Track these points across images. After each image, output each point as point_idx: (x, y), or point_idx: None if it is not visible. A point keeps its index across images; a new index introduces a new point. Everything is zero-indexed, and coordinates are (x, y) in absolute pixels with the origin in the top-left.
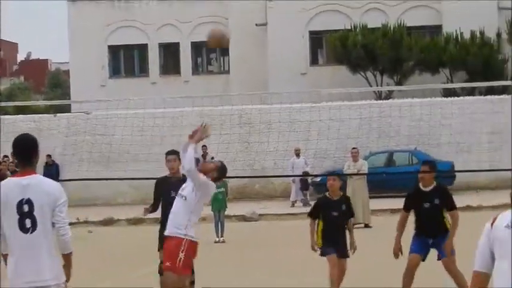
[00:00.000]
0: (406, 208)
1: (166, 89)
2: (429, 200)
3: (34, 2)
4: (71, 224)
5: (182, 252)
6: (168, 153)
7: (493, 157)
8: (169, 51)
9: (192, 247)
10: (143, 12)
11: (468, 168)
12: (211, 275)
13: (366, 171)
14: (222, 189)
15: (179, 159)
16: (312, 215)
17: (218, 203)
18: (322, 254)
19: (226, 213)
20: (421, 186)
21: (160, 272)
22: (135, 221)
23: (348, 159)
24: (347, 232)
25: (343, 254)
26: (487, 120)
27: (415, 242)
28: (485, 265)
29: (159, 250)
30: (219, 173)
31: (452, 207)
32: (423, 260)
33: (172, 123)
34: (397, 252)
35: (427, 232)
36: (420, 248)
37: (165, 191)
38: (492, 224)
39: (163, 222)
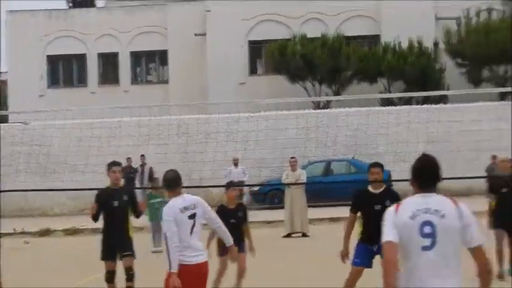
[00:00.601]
0: (354, 209)
1: (105, 98)
2: (380, 202)
3: None
4: (7, 234)
5: None
6: (112, 164)
7: None
8: (108, 61)
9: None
10: (82, 22)
11: (406, 178)
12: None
13: (304, 181)
14: (160, 199)
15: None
16: None
17: (155, 213)
18: (221, 255)
19: None
20: (371, 189)
21: (108, 280)
22: (72, 232)
23: (286, 169)
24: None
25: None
26: (424, 129)
27: (358, 252)
28: (396, 237)
29: (103, 259)
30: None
31: None
32: (369, 267)
33: (110, 134)
34: (344, 256)
35: (374, 237)
36: (364, 259)
37: (107, 201)
38: (397, 210)
39: (106, 231)
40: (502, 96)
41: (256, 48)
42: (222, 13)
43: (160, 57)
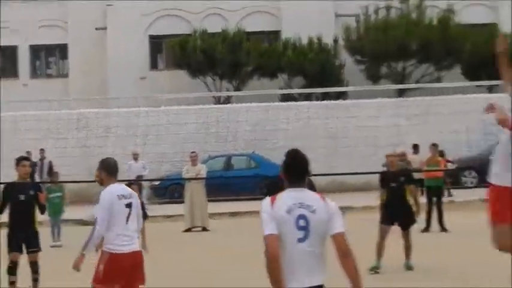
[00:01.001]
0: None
1: (4, 92)
2: None
3: None
4: None
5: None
6: (21, 158)
7: (329, 161)
8: (7, 54)
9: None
10: None
11: None
12: (52, 280)
13: (205, 175)
14: (59, 193)
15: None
16: None
17: (54, 207)
18: None
19: (64, 217)
20: None
21: (10, 272)
22: None
23: (187, 163)
24: None
25: None
26: (323, 125)
27: None
28: (275, 229)
29: (8, 253)
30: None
31: None
32: None
33: (10, 128)
34: None
35: None
36: None
37: (13, 195)
38: (273, 204)
39: (12, 225)
40: (400, 93)
41: (157, 43)
42: (123, 7)
43: (61, 51)
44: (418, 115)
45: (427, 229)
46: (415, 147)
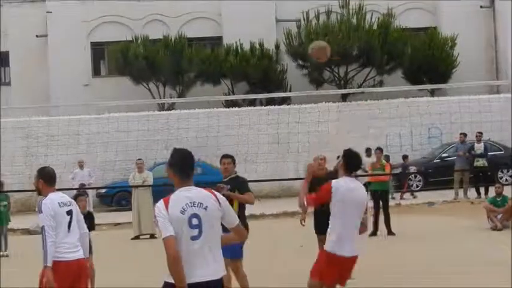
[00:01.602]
0: None
1: None
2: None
3: None
4: None
5: None
6: None
7: (275, 166)
8: None
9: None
10: None
11: (252, 178)
12: None
13: (151, 182)
14: (5, 202)
15: None
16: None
17: (0, 216)
18: None
19: (10, 226)
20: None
21: None
22: None
23: (133, 170)
24: None
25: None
26: (268, 130)
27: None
28: (172, 230)
29: None
30: None
31: None
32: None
33: None
34: None
35: None
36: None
37: None
38: (167, 206)
39: None
40: (344, 98)
41: (98, 50)
42: (63, 14)
43: (1, 58)
44: (362, 119)
45: (374, 233)
46: (368, 151)
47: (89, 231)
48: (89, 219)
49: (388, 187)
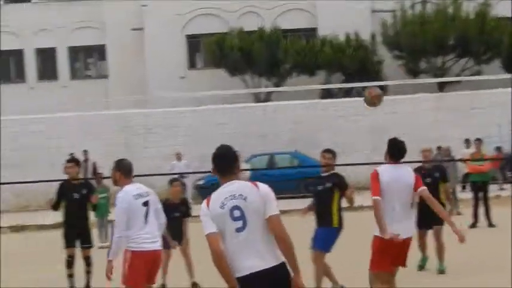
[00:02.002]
0: None
1: (44, 94)
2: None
3: None
4: None
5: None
6: (68, 161)
7: (372, 157)
8: (46, 57)
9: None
10: (17, 17)
11: (348, 169)
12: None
13: (248, 174)
14: (104, 194)
15: (76, 166)
16: None
17: (101, 208)
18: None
19: (110, 218)
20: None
21: (68, 265)
22: (18, 228)
23: None
24: None
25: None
26: (365, 121)
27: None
28: (214, 227)
29: (65, 247)
30: None
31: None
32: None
33: (51, 129)
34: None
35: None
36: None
37: (67, 194)
38: (208, 204)
39: (66, 222)
40: (441, 88)
41: (194, 42)
42: (158, 8)
43: (99, 52)
44: (460, 109)
45: (474, 225)
46: (467, 142)
47: (185, 217)
48: (184, 205)
49: (488, 178)
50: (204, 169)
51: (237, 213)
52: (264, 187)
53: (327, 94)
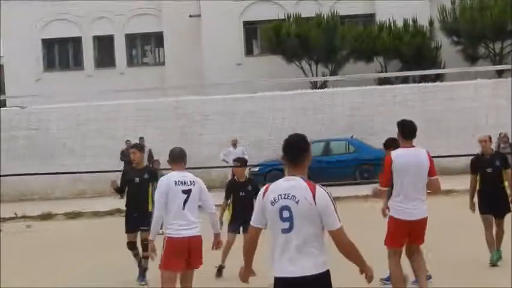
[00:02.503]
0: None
1: (102, 81)
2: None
3: None
4: (8, 219)
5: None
6: (132, 146)
7: (427, 144)
8: (104, 44)
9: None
10: (76, 5)
11: None
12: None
13: None
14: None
15: (139, 151)
16: (225, 195)
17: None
18: (230, 230)
19: None
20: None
21: (130, 248)
22: (73, 215)
23: None
24: None
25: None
26: (421, 108)
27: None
28: (259, 222)
29: (126, 232)
30: None
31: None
32: None
33: (108, 116)
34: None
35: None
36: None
37: (130, 178)
38: (264, 194)
39: (128, 206)
40: (499, 74)
41: (251, 29)
42: None
43: (156, 39)
44: None
45: None
46: None
47: (250, 197)
48: (250, 185)
49: None
50: (260, 156)
51: (285, 214)
52: (322, 195)
53: (383, 80)
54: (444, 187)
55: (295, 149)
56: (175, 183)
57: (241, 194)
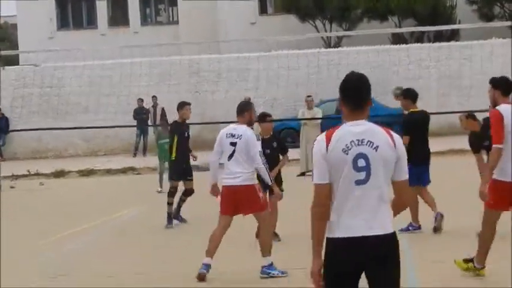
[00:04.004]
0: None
1: (115, 40)
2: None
3: None
4: (22, 176)
5: None
6: (185, 103)
7: (442, 103)
8: (118, 3)
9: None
10: None
11: None
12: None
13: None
14: (167, 140)
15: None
16: None
17: (164, 153)
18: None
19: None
20: None
21: (170, 195)
22: (86, 173)
23: (302, 107)
24: None
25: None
26: (435, 66)
27: None
28: (326, 177)
29: (170, 179)
30: None
31: None
32: None
33: (122, 74)
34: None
35: None
36: None
37: (179, 133)
38: (328, 144)
39: (176, 158)
40: None
41: None
42: None
43: None
44: None
45: None
46: None
47: (276, 154)
48: (275, 141)
49: None
50: (273, 114)
51: (361, 162)
52: (399, 140)
53: (398, 40)
54: (456, 146)
55: (362, 88)
56: (226, 136)
57: (266, 151)
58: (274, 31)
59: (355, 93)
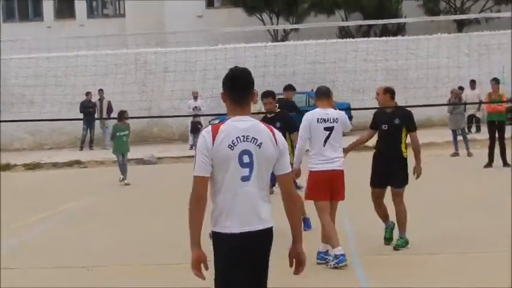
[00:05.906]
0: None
1: (62, 33)
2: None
3: None
4: None
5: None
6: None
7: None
8: None
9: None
10: None
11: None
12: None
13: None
14: (126, 132)
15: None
16: None
17: (122, 146)
18: None
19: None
20: None
21: None
22: (32, 166)
23: None
24: None
25: None
26: (381, 61)
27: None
28: (207, 170)
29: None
30: None
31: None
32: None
33: (68, 67)
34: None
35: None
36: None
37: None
38: (214, 136)
39: None
40: (459, 29)
41: None
42: None
43: None
44: (479, 50)
45: (489, 164)
46: (472, 83)
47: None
48: (279, 121)
49: (504, 118)
50: (220, 108)
51: (246, 159)
52: (281, 138)
53: (345, 34)
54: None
55: (245, 83)
56: (318, 121)
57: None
58: (221, 24)
59: (241, 88)
